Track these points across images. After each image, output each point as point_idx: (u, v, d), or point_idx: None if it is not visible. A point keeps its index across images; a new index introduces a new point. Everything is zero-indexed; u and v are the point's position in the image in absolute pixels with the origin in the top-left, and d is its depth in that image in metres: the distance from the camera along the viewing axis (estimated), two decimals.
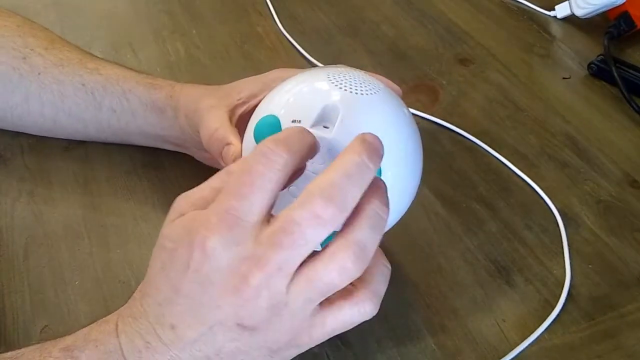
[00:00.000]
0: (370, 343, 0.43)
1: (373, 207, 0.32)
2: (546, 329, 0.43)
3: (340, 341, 0.43)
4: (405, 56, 0.69)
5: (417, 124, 0.41)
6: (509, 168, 0.55)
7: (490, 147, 0.57)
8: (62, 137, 0.56)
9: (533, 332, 0.43)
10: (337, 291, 0.32)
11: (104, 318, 0.35)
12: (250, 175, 0.31)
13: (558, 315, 0.44)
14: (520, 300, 0.45)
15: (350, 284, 0.32)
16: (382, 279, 0.34)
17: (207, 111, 0.46)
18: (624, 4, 0.68)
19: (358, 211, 0.31)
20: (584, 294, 0.46)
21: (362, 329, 0.43)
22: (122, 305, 0.36)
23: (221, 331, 0.32)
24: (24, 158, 0.55)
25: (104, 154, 0.55)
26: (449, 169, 0.55)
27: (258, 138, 0.39)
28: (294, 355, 0.35)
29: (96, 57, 0.55)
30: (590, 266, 0.48)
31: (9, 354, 0.34)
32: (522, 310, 0.45)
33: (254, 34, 0.72)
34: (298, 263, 0.31)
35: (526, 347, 0.42)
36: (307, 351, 0.42)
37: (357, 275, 0.31)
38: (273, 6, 0.75)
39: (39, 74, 0.52)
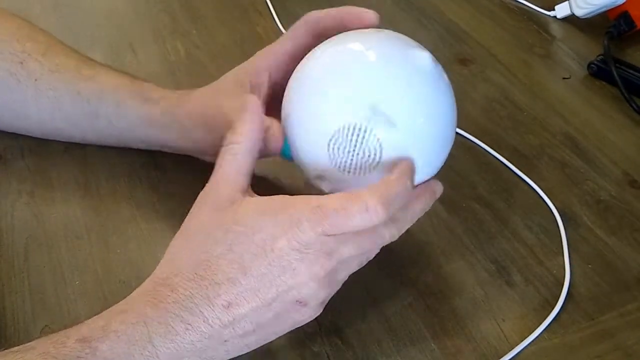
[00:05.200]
0: (370, 343, 0.43)
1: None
2: (546, 329, 0.43)
3: (340, 341, 0.43)
4: None
5: None
6: (509, 168, 0.55)
7: (490, 147, 0.57)
8: (62, 141, 0.56)
9: (533, 331, 0.43)
10: None
11: (113, 308, 0.36)
12: (349, 220, 0.36)
13: (558, 315, 0.44)
14: (520, 300, 0.45)
15: None
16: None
17: (228, 106, 0.46)
18: (623, 4, 0.68)
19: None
20: (583, 294, 0.46)
21: (362, 329, 0.43)
22: None
23: (276, 306, 0.36)
24: (24, 159, 0.55)
25: (104, 155, 0.55)
26: (449, 169, 0.55)
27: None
28: None
29: (94, 62, 0.54)
30: (590, 266, 0.48)
31: (16, 348, 0.34)
32: (521, 310, 0.45)
33: (254, 34, 0.72)
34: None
35: (526, 347, 0.42)
36: (307, 350, 0.42)
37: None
38: (273, 6, 0.75)
39: (36, 80, 0.52)
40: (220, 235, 0.36)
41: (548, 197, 0.52)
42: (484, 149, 0.57)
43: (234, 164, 0.39)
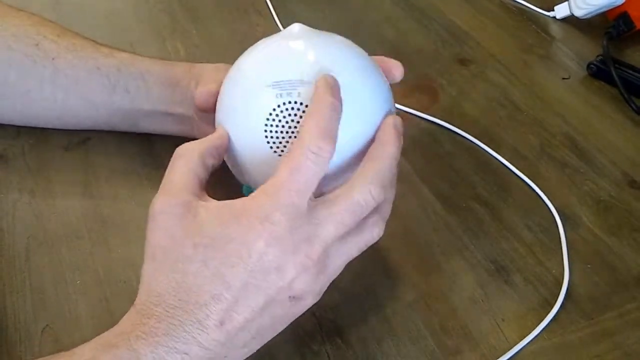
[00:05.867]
0: (370, 343, 0.43)
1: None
2: (545, 329, 0.43)
3: (340, 340, 0.43)
4: (405, 56, 0.68)
5: (417, 124, 0.42)
6: (509, 168, 0.55)
7: (490, 147, 0.57)
8: (69, 127, 0.56)
9: (532, 331, 0.43)
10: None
11: (102, 339, 0.34)
12: (304, 173, 0.35)
13: (557, 314, 0.44)
14: (519, 299, 0.45)
15: None
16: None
17: (209, 73, 0.50)
18: (623, 4, 0.68)
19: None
20: (582, 294, 0.46)
21: (362, 328, 0.43)
22: (123, 305, 0.36)
23: (272, 309, 0.35)
24: (24, 158, 0.55)
25: (105, 154, 0.56)
26: (449, 169, 0.56)
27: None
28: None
29: (108, 45, 0.55)
30: (589, 266, 0.48)
31: None
32: (521, 310, 0.45)
33: (254, 34, 0.72)
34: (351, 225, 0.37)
35: (525, 347, 0.42)
36: (307, 350, 0.42)
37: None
38: (273, 6, 0.75)
39: (53, 59, 0.53)
40: (190, 252, 0.35)
41: (547, 197, 0.52)
42: (484, 149, 0.57)
43: (184, 167, 0.38)
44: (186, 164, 0.38)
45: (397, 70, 0.45)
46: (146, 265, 0.36)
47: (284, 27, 0.72)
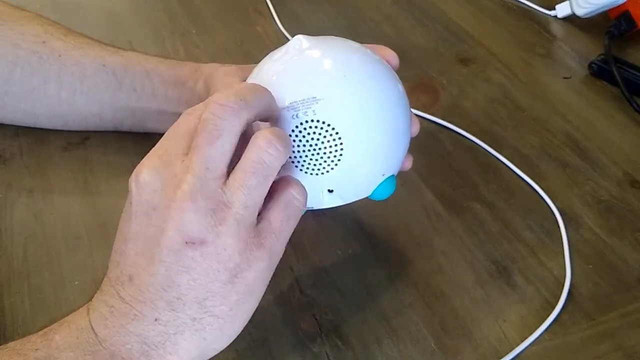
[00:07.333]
0: (370, 343, 0.43)
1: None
2: (546, 329, 0.43)
3: (340, 341, 0.43)
4: (405, 56, 0.68)
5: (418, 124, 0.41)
6: (510, 168, 0.55)
7: (491, 147, 0.57)
8: (73, 128, 0.56)
9: (533, 332, 0.43)
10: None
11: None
12: (214, 125, 0.33)
13: (558, 315, 0.44)
14: (520, 300, 0.45)
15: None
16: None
17: (221, 77, 0.49)
18: (624, 3, 0.68)
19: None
20: (584, 294, 0.45)
21: (362, 329, 0.43)
22: None
23: (172, 260, 0.33)
24: (23, 158, 0.55)
25: (103, 154, 0.55)
26: (449, 169, 0.55)
27: None
28: (260, 283, 0.35)
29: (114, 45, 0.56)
30: (590, 266, 0.47)
31: None
32: (522, 311, 0.45)
33: (254, 34, 0.72)
34: (224, 162, 0.33)
35: (526, 347, 0.42)
36: (307, 351, 0.42)
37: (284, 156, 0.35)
38: (273, 6, 0.75)
39: (60, 56, 0.53)
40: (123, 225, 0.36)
41: (549, 197, 0.52)
42: (485, 149, 0.57)
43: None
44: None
45: (392, 59, 0.45)
46: None
47: (284, 27, 0.73)
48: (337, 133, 0.38)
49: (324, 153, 0.39)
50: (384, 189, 0.42)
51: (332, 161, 0.39)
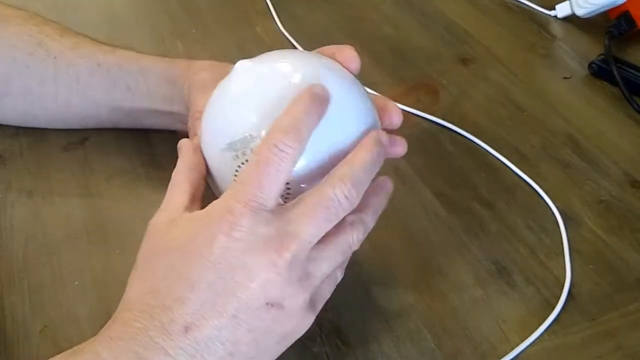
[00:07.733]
0: (370, 343, 0.42)
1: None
2: (546, 329, 0.43)
3: (340, 341, 0.43)
4: (405, 56, 0.69)
5: (418, 124, 0.41)
6: (510, 168, 0.55)
7: (491, 147, 0.57)
8: (71, 127, 0.56)
9: (533, 332, 0.43)
10: None
11: (75, 348, 0.34)
12: (267, 167, 0.33)
13: (558, 315, 0.44)
14: (520, 300, 0.45)
15: None
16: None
17: (197, 89, 0.47)
18: (624, 3, 0.68)
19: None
20: (584, 294, 0.45)
21: (362, 329, 0.43)
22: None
23: (244, 317, 0.32)
24: (23, 158, 0.55)
25: (103, 154, 0.55)
26: (449, 169, 0.55)
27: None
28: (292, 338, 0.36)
29: (109, 43, 0.56)
30: (590, 266, 0.47)
31: None
32: (522, 311, 0.44)
33: (254, 34, 0.72)
34: (323, 234, 0.34)
35: (526, 348, 0.42)
36: (307, 351, 0.42)
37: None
38: (273, 6, 0.75)
39: (55, 57, 0.53)
40: (159, 259, 0.34)
41: (549, 197, 0.52)
42: (485, 149, 0.57)
43: (176, 186, 0.38)
44: (176, 178, 0.38)
45: (352, 62, 0.40)
46: (130, 276, 0.36)
47: (284, 27, 0.73)
48: None
49: None
50: None
51: (282, 196, 0.37)
